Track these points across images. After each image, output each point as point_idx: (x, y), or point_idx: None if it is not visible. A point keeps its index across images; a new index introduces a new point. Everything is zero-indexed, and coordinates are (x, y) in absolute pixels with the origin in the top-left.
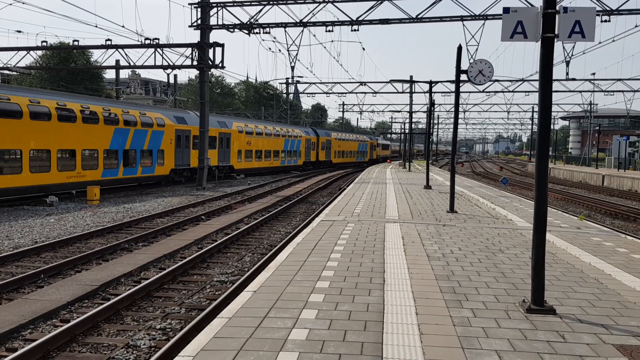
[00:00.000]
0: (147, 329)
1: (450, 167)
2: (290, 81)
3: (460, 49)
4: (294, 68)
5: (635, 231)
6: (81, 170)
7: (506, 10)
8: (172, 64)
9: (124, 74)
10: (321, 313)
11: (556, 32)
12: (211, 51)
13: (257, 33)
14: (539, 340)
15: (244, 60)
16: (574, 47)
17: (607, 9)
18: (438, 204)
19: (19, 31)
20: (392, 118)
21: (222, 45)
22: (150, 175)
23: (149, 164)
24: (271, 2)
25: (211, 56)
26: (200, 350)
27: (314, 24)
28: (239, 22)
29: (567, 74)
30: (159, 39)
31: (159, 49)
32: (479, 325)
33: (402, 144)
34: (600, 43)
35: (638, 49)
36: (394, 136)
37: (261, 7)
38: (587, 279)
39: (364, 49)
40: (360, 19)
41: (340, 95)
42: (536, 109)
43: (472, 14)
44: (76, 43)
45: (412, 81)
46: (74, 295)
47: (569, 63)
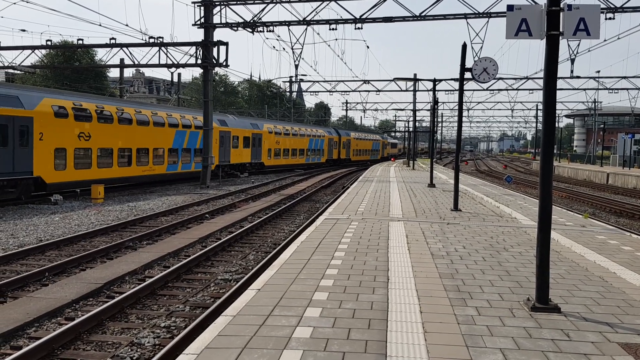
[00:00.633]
0: (152, 327)
1: (455, 165)
2: (294, 79)
3: (464, 46)
4: (297, 66)
5: None
6: (152, 165)
7: (510, 7)
8: (176, 62)
9: (128, 72)
10: (325, 311)
11: (561, 30)
12: (215, 50)
13: (260, 31)
14: (543, 339)
15: (248, 59)
16: (578, 44)
17: (612, 6)
18: (442, 202)
19: (23, 30)
20: (395, 116)
21: (226, 44)
22: (188, 170)
23: (200, 161)
24: (274, 1)
25: (215, 55)
26: (205, 348)
27: (318, 22)
28: (242, 21)
29: (572, 71)
30: (162, 37)
31: (163, 48)
32: (483, 324)
33: (406, 142)
34: (605, 41)
35: None
36: (397, 134)
37: (264, 5)
38: (592, 277)
39: (368, 47)
40: (364, 17)
41: (343, 93)
42: (540, 107)
43: (475, 11)
44: (80, 42)
45: (416, 79)
46: (78, 294)
47: (574, 61)
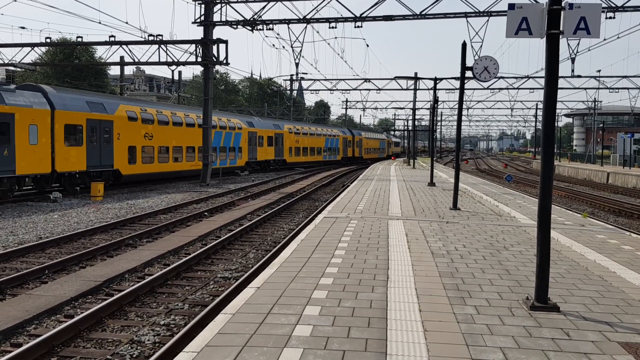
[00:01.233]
0: (152, 324)
1: (455, 164)
2: (295, 78)
3: (464, 45)
4: (298, 65)
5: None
6: (198, 161)
7: (511, 6)
8: (176, 60)
9: (129, 70)
10: (325, 309)
11: (561, 29)
12: (215, 47)
13: (260, 29)
14: (543, 338)
15: (248, 57)
16: (578, 43)
17: (612, 5)
18: (441, 201)
19: (22, 27)
20: (395, 115)
21: (226, 42)
22: (235, 165)
23: (233, 157)
24: None
25: (215, 53)
26: (205, 346)
27: (318, 20)
28: (242, 19)
29: (573, 70)
30: (162, 35)
31: (162, 46)
32: (483, 322)
33: (405, 141)
34: (605, 40)
35: None
36: (397, 133)
37: (265, 3)
38: (592, 276)
39: (368, 45)
40: (364, 15)
41: (344, 92)
42: (540, 106)
43: (476, 10)
44: (80, 39)
45: (416, 78)
46: (78, 291)
47: (574, 60)
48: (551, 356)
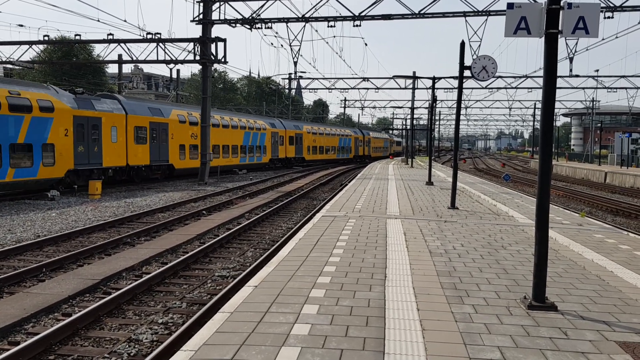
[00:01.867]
0: (149, 323)
1: (453, 163)
2: (293, 76)
3: (463, 45)
4: (296, 63)
5: (637, 228)
6: (231, 158)
7: (510, 5)
8: (174, 58)
9: (127, 68)
10: (323, 308)
11: (560, 28)
12: (213, 46)
13: (259, 28)
14: (541, 337)
15: (247, 56)
16: (577, 43)
17: (611, 5)
18: (439, 200)
19: (21, 25)
20: (393, 114)
21: (224, 40)
22: (260, 162)
23: (259, 155)
24: None
25: (213, 51)
26: (203, 344)
27: (316, 19)
28: (241, 17)
29: (571, 70)
30: (160, 33)
31: (161, 44)
32: (480, 322)
33: (404, 140)
34: (604, 40)
35: None
36: (395, 132)
37: (263, 1)
38: (589, 275)
39: (367, 44)
40: (363, 14)
41: (342, 90)
42: (538, 105)
43: (474, 9)
44: (78, 37)
45: (415, 77)
46: (75, 289)
47: (572, 59)
48: (549, 355)
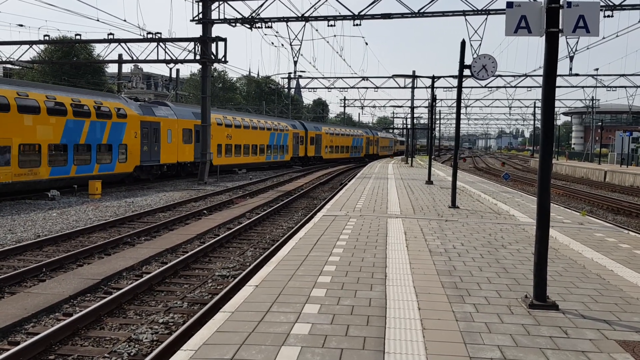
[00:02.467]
0: (150, 323)
1: (453, 162)
2: (293, 76)
3: (463, 43)
4: (296, 63)
5: (637, 227)
6: (259, 156)
7: (510, 4)
8: (174, 58)
9: (126, 68)
10: (323, 308)
11: (560, 27)
12: (214, 45)
13: (259, 27)
14: (541, 336)
15: (247, 55)
16: (577, 42)
17: (611, 4)
18: (440, 199)
19: (20, 25)
20: (393, 113)
21: (225, 40)
22: (283, 160)
23: (282, 154)
24: None
25: (214, 50)
26: (203, 344)
27: (316, 18)
28: (240, 17)
29: (571, 69)
30: (161, 33)
31: (161, 44)
32: (481, 321)
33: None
34: (604, 38)
35: None
36: (396, 131)
37: (262, 1)
38: (590, 274)
39: (367, 43)
40: (362, 13)
41: (342, 90)
42: (538, 104)
43: (474, 8)
44: (78, 37)
45: (414, 76)
46: (76, 289)
47: (572, 58)
48: (549, 354)
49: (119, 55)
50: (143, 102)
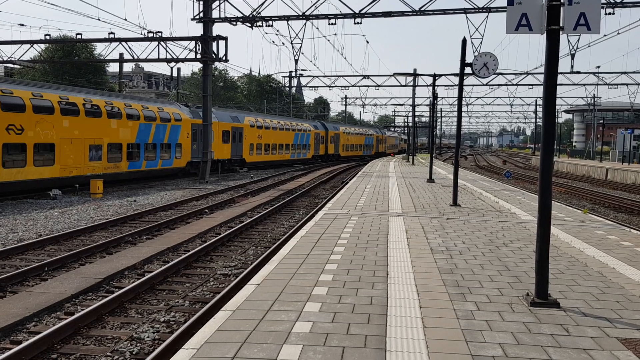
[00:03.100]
0: (151, 321)
1: (454, 160)
2: (294, 74)
3: (464, 41)
4: (297, 61)
5: (639, 225)
6: (284, 154)
7: (510, 2)
8: (175, 57)
9: (127, 67)
10: (325, 306)
11: (561, 25)
12: (214, 44)
13: (259, 26)
14: (543, 334)
15: (248, 54)
16: (578, 39)
17: (612, 1)
18: (441, 197)
19: (21, 24)
20: (394, 111)
21: (225, 39)
22: (305, 158)
23: (305, 152)
24: None
25: (215, 49)
26: (205, 342)
27: (317, 16)
28: (241, 15)
29: (572, 67)
30: (161, 32)
31: (162, 43)
32: (482, 319)
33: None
34: (605, 36)
35: None
36: (397, 129)
37: None
38: (591, 272)
39: (368, 42)
40: (363, 11)
41: (343, 88)
42: (540, 102)
43: (475, 6)
44: (79, 36)
45: (415, 74)
46: (78, 288)
47: (574, 56)
48: (550, 352)
49: (120, 55)
50: (192, 107)
